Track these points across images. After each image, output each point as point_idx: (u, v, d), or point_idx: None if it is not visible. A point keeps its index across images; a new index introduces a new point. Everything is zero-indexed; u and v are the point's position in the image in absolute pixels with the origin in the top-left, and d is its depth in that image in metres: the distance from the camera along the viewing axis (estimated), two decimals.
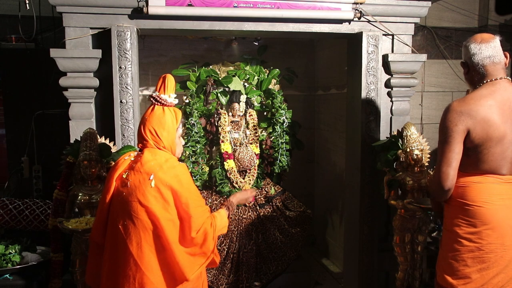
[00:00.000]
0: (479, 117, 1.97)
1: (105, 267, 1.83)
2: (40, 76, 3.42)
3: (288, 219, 3.51)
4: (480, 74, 2.09)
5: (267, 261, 3.40)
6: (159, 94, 1.89)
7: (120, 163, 1.89)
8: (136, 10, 2.75)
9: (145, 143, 1.86)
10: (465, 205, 2.05)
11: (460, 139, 1.98)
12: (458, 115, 1.98)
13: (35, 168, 3.52)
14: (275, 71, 3.65)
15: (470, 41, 2.12)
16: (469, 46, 2.10)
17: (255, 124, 3.59)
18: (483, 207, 2.03)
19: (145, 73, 4.01)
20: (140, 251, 1.75)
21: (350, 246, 3.30)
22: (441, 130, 2.02)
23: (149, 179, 1.76)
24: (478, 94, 2.04)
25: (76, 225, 2.39)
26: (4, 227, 3.10)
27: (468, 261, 2.06)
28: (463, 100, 2.03)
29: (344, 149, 3.49)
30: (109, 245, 1.84)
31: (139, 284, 1.74)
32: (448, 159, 1.98)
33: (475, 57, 2.09)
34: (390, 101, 3.14)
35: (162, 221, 1.75)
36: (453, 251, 2.08)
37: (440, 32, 3.82)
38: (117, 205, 1.82)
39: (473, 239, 2.04)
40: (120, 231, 1.77)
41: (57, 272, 2.66)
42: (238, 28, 2.92)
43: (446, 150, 1.99)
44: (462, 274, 2.07)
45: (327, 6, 2.95)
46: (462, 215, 2.06)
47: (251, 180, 3.54)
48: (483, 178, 2.05)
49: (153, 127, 1.85)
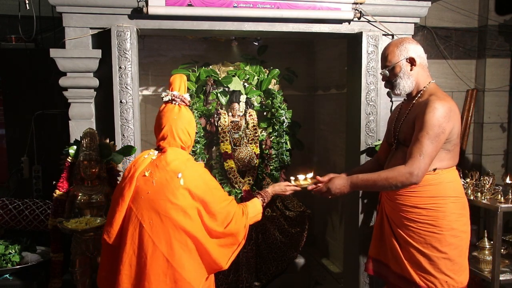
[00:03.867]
0: (458, 112, 2.10)
1: (124, 268, 1.79)
2: (40, 76, 3.42)
3: (288, 219, 3.51)
4: (426, 72, 2.21)
5: (267, 261, 3.40)
6: (182, 94, 1.93)
7: (139, 161, 1.88)
8: (136, 10, 2.75)
9: (171, 142, 1.89)
10: (458, 199, 2.13)
11: (446, 137, 2.04)
12: (449, 112, 2.03)
13: (35, 168, 3.52)
14: (275, 71, 3.65)
15: (407, 41, 2.18)
16: (410, 45, 2.17)
17: (255, 124, 3.59)
18: (465, 198, 2.19)
19: (145, 73, 4.01)
20: (170, 248, 1.77)
21: (350, 246, 3.30)
22: (433, 126, 2.01)
23: (177, 177, 1.80)
24: (443, 93, 2.16)
25: (76, 225, 2.39)
26: (4, 227, 3.10)
27: (466, 252, 2.17)
28: (444, 98, 2.09)
29: (344, 149, 3.48)
30: (129, 246, 1.80)
31: (170, 280, 1.77)
32: (433, 156, 2.03)
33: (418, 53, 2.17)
34: (390, 101, 3.14)
35: (192, 217, 1.79)
36: (456, 248, 2.10)
37: (440, 32, 3.82)
38: (140, 204, 1.80)
39: (467, 230, 2.15)
40: (145, 230, 1.77)
41: (57, 272, 2.66)
42: (238, 28, 2.92)
43: (434, 146, 2.01)
44: (464, 267, 2.16)
45: (327, 6, 2.95)
46: (457, 209, 2.12)
47: (251, 180, 3.54)
48: (457, 171, 2.20)
49: (186, 127, 1.91)
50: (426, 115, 2.02)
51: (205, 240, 1.83)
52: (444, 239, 2.09)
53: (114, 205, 1.87)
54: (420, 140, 2.01)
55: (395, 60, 2.16)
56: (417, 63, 2.16)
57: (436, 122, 2.00)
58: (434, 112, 2.01)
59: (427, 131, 2.00)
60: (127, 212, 1.82)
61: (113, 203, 1.89)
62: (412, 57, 2.15)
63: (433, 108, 2.02)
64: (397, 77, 2.18)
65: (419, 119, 2.06)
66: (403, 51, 2.16)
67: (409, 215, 2.16)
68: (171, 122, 1.89)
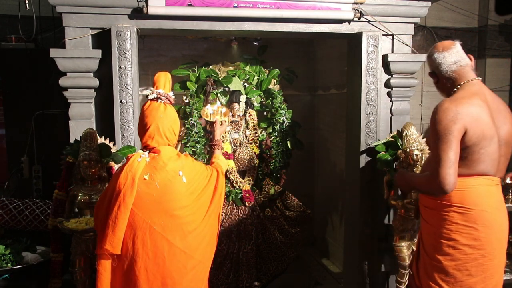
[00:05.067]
0: (474, 115, 1.93)
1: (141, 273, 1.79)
2: (40, 76, 3.42)
3: (288, 219, 3.51)
4: (452, 80, 2.09)
5: (267, 261, 3.40)
6: (167, 93, 1.94)
7: (134, 166, 1.83)
8: (136, 10, 2.75)
9: (159, 141, 1.89)
10: (465, 210, 1.96)
11: (459, 138, 1.90)
12: (455, 114, 1.91)
13: (35, 168, 3.52)
14: (275, 71, 3.65)
15: (432, 52, 2.13)
16: (433, 57, 2.12)
17: (255, 124, 3.59)
18: (485, 211, 1.96)
19: (145, 73, 4.00)
20: (185, 242, 1.85)
21: (350, 246, 3.30)
22: (438, 129, 1.91)
23: (179, 175, 1.84)
24: (462, 95, 2.00)
25: (76, 225, 2.39)
26: (4, 227, 3.10)
27: (472, 270, 1.97)
28: (454, 100, 1.97)
29: (344, 149, 3.48)
30: (142, 251, 1.79)
31: (191, 268, 1.87)
32: (450, 159, 1.87)
33: (442, 66, 2.10)
34: (390, 101, 3.14)
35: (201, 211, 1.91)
36: (454, 260, 1.98)
37: (440, 32, 3.82)
38: (146, 207, 1.80)
39: (477, 246, 1.96)
40: (157, 232, 1.80)
41: (57, 272, 2.66)
42: (238, 28, 2.92)
43: (446, 149, 1.87)
44: (466, 285, 1.98)
45: (327, 6, 2.95)
46: (462, 220, 1.97)
47: (251, 180, 3.54)
48: (479, 180, 1.98)
49: (172, 126, 1.92)
50: (431, 120, 1.97)
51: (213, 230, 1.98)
52: (441, 247, 2.00)
53: (112, 212, 1.78)
54: (433, 147, 1.96)
55: (429, 70, 2.18)
56: (442, 76, 2.12)
57: (438, 125, 1.92)
58: (436, 115, 1.94)
59: (434, 136, 1.93)
60: (131, 217, 1.79)
61: (107, 210, 1.81)
62: (432, 72, 2.16)
63: (435, 112, 1.96)
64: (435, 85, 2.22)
65: (430, 125, 2.01)
66: (428, 64, 2.17)
67: (423, 212, 2.12)
68: (158, 121, 1.88)
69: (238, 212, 3.41)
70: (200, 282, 1.94)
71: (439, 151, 1.90)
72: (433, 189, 1.95)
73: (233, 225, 3.36)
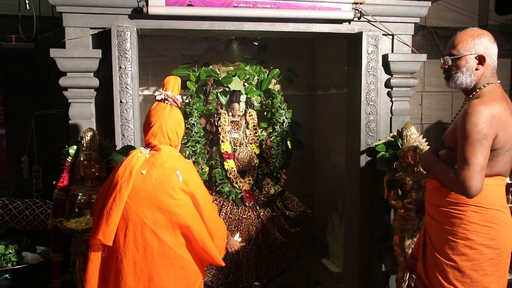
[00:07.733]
0: (504, 120, 1.87)
1: (129, 266, 1.81)
2: (40, 76, 3.42)
3: (288, 219, 3.51)
4: (490, 72, 1.97)
5: (267, 261, 3.40)
6: (175, 95, 1.98)
7: (134, 160, 1.89)
8: (136, 10, 2.75)
9: (161, 140, 1.93)
10: (483, 209, 1.93)
11: (490, 143, 1.84)
12: (491, 118, 1.83)
13: (35, 168, 3.52)
14: (275, 71, 3.65)
15: (484, 35, 1.96)
16: (485, 42, 1.95)
17: (255, 124, 3.59)
18: (501, 211, 1.94)
19: (145, 73, 4.01)
20: (175, 239, 1.86)
21: (350, 246, 3.30)
22: (472, 132, 1.82)
23: (176, 174, 1.86)
24: (492, 98, 1.91)
25: (76, 225, 2.39)
26: (4, 227, 3.10)
27: (488, 269, 1.93)
28: (488, 103, 1.87)
29: (344, 149, 3.48)
30: (132, 244, 1.82)
31: (179, 268, 1.87)
32: (480, 164, 1.80)
33: (490, 52, 1.94)
34: (390, 101, 3.14)
35: (191, 211, 1.89)
36: (470, 260, 1.93)
37: (440, 32, 3.82)
38: (140, 201, 1.83)
39: (493, 246, 1.93)
40: (148, 227, 1.82)
41: (57, 272, 2.67)
42: (238, 28, 2.92)
43: (477, 154, 1.80)
44: (481, 285, 1.95)
45: (327, 6, 2.95)
46: (479, 220, 1.93)
47: (251, 180, 3.54)
48: (496, 180, 1.95)
49: (175, 127, 1.96)
50: (463, 121, 1.85)
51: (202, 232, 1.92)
52: (456, 247, 1.94)
53: (107, 203, 1.83)
54: (462, 148, 1.84)
55: (464, 52, 1.96)
56: (486, 62, 1.95)
57: (473, 128, 1.81)
58: (471, 118, 1.82)
59: (466, 138, 1.83)
60: (125, 210, 1.83)
61: (104, 201, 1.86)
62: (483, 55, 1.94)
63: (469, 113, 1.84)
64: (458, 71, 1.98)
65: (459, 125, 1.88)
66: (476, 45, 1.95)
67: (433, 211, 2.05)
68: (162, 120, 1.93)
69: (238, 212, 3.42)
70: (190, 285, 1.92)
71: (469, 153, 1.82)
72: (456, 190, 1.90)
73: (233, 225, 3.36)
